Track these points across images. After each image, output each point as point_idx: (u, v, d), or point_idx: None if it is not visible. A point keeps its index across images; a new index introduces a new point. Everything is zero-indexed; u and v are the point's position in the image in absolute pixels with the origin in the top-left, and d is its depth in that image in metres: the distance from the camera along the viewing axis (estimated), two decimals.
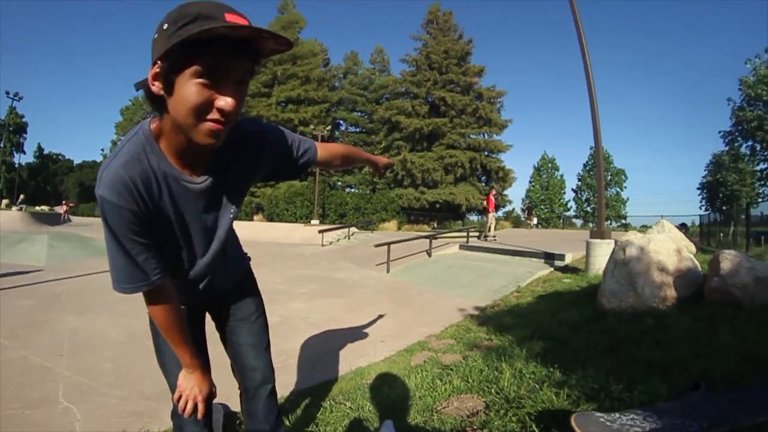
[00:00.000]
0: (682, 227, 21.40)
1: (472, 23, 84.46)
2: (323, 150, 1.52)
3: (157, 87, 1.00)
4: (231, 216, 1.33)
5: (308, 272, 10.47)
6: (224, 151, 1.20)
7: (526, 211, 36.03)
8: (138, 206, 1.09)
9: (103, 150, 64.28)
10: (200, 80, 0.96)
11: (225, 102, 0.99)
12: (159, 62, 0.97)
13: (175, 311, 1.29)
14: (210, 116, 0.99)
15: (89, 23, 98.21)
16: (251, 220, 32.30)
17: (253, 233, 20.68)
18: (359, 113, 45.43)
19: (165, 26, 0.95)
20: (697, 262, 4.90)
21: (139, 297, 1.24)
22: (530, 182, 48.26)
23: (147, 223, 1.12)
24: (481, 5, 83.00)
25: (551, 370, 3.03)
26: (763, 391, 2.22)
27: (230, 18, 0.93)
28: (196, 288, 1.43)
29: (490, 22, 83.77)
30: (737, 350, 2.86)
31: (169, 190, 1.15)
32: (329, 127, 39.76)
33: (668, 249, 4.76)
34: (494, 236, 15.34)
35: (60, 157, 72.28)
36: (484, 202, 16.70)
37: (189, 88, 0.96)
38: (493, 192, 16.41)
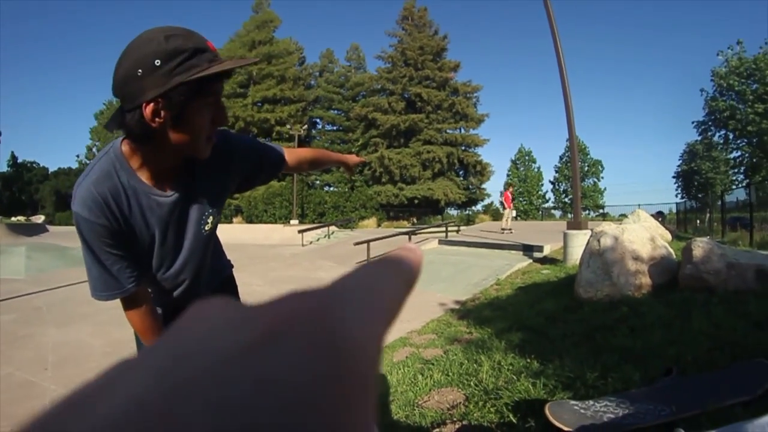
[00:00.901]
0: (659, 215, 21.90)
1: (447, 19, 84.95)
2: (291, 155, 1.55)
3: (158, 122, 1.02)
4: (204, 227, 1.33)
5: (289, 273, 10.44)
6: (193, 164, 1.24)
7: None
8: (108, 220, 1.13)
9: (78, 156, 62.31)
10: (208, 107, 1.07)
11: (223, 118, 1.12)
12: (160, 99, 1.00)
13: (150, 316, 1.31)
14: (210, 133, 1.12)
15: (61, 25, 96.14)
16: (230, 222, 32.01)
17: (232, 236, 20.48)
18: (336, 111, 45.24)
19: (157, 62, 0.97)
20: (671, 250, 5.00)
21: (119, 307, 1.29)
22: (508, 175, 48.67)
23: (118, 235, 1.16)
24: (455, 0, 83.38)
25: (529, 360, 3.08)
26: (732, 374, 2.29)
27: (210, 45, 1.04)
28: (170, 296, 1.44)
29: (464, 18, 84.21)
30: (710, 335, 2.94)
31: (139, 205, 1.18)
32: (306, 126, 39.54)
33: (642, 238, 4.85)
34: (510, 229, 15.79)
35: (34, 165, 70.36)
36: (502, 199, 17.66)
37: (203, 117, 1.07)
38: (510, 189, 17.26)
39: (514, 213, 16.82)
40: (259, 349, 0.13)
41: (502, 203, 17.39)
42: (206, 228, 1.33)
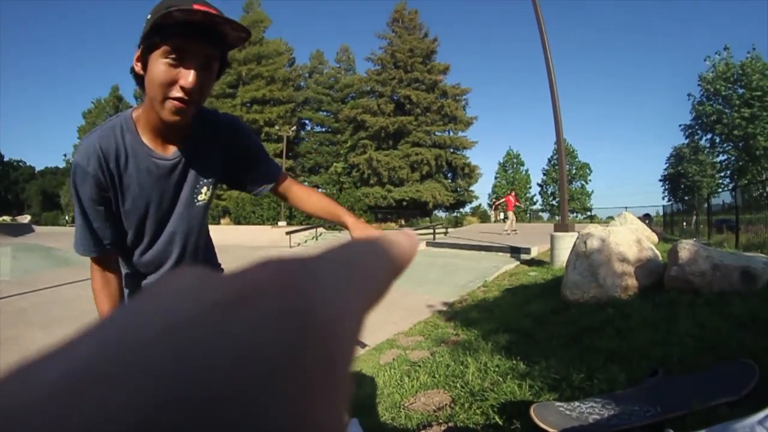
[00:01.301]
0: (646, 218, 22.11)
1: (437, 21, 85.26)
2: (294, 184, 1.52)
3: (138, 67, 1.13)
4: (197, 196, 1.33)
5: None
6: (197, 134, 1.28)
7: (493, 207, 36.45)
8: (103, 174, 1.19)
9: (65, 155, 61.04)
10: (166, 60, 1.06)
11: (186, 80, 1.07)
12: (141, 46, 1.10)
13: (113, 284, 1.32)
14: (174, 94, 1.09)
15: (50, 24, 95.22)
16: (218, 223, 31.84)
17: (220, 237, 20.02)
18: (325, 113, 45.21)
19: (149, 16, 1.08)
20: (657, 252, 5.03)
21: None
22: (496, 178, 48.92)
23: (108, 191, 1.22)
24: (445, 4, 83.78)
25: (515, 362, 3.07)
26: (718, 374, 2.29)
27: (196, 6, 1.03)
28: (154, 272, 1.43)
29: (454, 21, 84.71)
30: (695, 336, 2.94)
31: (136, 165, 1.22)
32: (294, 128, 39.46)
33: (628, 240, 4.87)
34: (515, 230, 16.50)
35: (21, 163, 69.37)
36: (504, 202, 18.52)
37: (158, 66, 1.07)
38: (513, 194, 18.25)
39: (510, 215, 17.52)
40: (220, 314, 0.13)
41: (500, 207, 17.91)
42: (199, 198, 1.33)
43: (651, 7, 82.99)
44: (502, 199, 18.79)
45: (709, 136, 23.14)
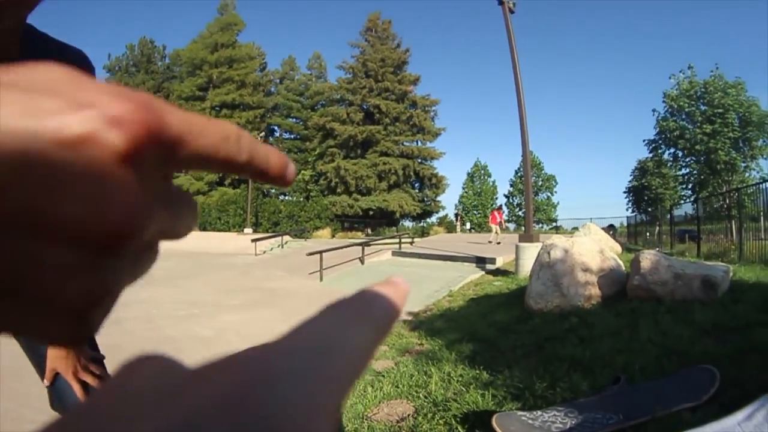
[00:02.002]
0: (610, 228, 22.68)
1: (410, 33, 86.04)
2: None
3: None
4: None
5: (241, 283, 10.17)
6: None
7: (456, 218, 36.70)
8: None
9: None
10: None
11: None
12: None
13: None
14: None
15: None
16: None
17: (186, 244, 19.75)
18: (294, 119, 44.91)
19: None
20: (620, 262, 5.11)
21: None
22: (463, 188, 49.39)
23: None
24: (418, 16, 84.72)
25: (478, 371, 3.04)
26: (680, 380, 2.31)
27: None
28: None
29: (426, 33, 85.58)
30: (657, 343, 2.98)
31: None
32: (263, 134, 39.03)
33: (591, 250, 4.94)
34: (498, 242, 16.58)
35: None
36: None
37: None
38: (499, 210, 19.48)
39: (494, 228, 18.20)
40: None
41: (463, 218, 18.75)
42: None
43: (619, 24, 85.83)
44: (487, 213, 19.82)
45: (672, 150, 23.95)
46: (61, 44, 0.95)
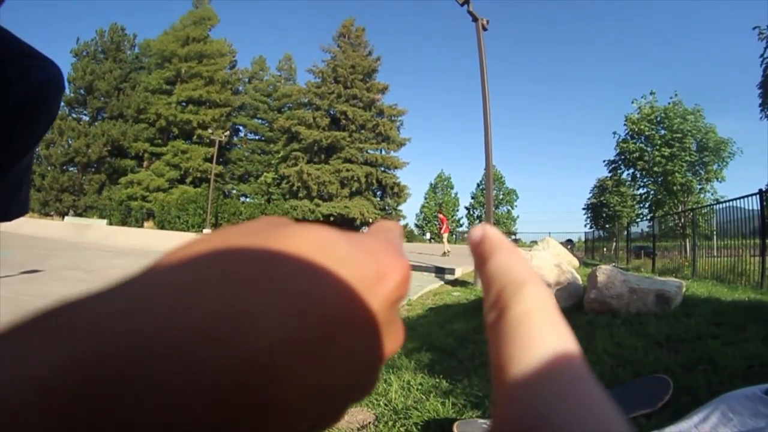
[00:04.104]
0: (568, 243, 23.23)
1: (381, 41, 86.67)
2: None
3: None
4: None
5: None
6: None
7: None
8: None
9: None
10: None
11: None
12: None
13: None
14: None
15: None
16: (141, 226, 30.35)
17: (143, 242, 19.35)
18: (260, 120, 44.48)
19: None
20: (578, 276, 5.22)
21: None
22: (425, 199, 49.79)
23: None
24: (391, 26, 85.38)
25: (438, 380, 3.05)
26: (635, 389, 2.38)
27: None
28: None
29: (397, 43, 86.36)
30: (613, 354, 3.06)
31: None
32: (228, 133, 38.49)
33: (549, 264, 5.04)
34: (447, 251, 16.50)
35: None
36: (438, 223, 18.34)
37: None
38: (440, 210, 18.46)
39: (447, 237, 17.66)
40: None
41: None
42: None
43: (585, 48, 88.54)
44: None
45: (631, 170, 24.68)
46: (24, 64, 0.68)
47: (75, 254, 14.26)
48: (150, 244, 18.17)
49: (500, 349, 0.19)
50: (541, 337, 0.18)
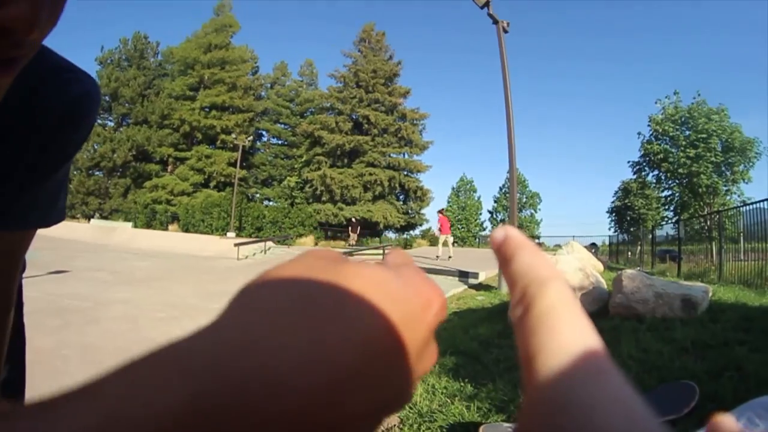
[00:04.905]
0: (592, 247, 22.92)
1: (402, 45, 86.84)
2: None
3: None
4: None
5: (223, 287, 10.08)
6: (4, 108, 0.60)
7: (350, 228, 34.30)
8: None
9: None
10: None
11: (11, 16, 0.41)
12: None
13: None
14: None
15: None
16: (166, 229, 30.88)
17: (168, 244, 19.77)
18: (283, 125, 44.84)
19: None
20: (602, 280, 5.20)
21: None
22: (448, 202, 49.60)
23: None
24: (411, 29, 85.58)
25: (462, 384, 3.08)
26: (661, 395, 2.38)
27: None
28: None
29: (418, 46, 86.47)
30: (639, 360, 3.05)
31: None
32: (251, 138, 38.92)
33: (574, 268, 5.02)
34: (442, 256, 15.60)
35: None
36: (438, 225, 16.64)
37: None
38: (442, 212, 17.13)
39: (451, 239, 16.37)
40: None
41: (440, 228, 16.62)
42: None
43: (608, 48, 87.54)
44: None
45: (655, 172, 24.31)
46: (61, 80, 0.72)
47: (101, 256, 14.59)
48: (174, 247, 18.52)
49: (527, 341, 0.20)
50: (565, 328, 0.20)
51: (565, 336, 0.19)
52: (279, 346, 0.16)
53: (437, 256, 15.41)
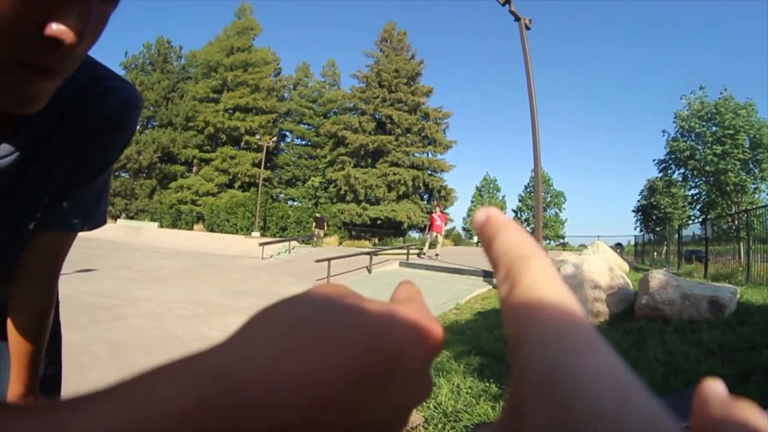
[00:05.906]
0: (618, 247, 22.56)
1: (424, 44, 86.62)
2: (58, 258, 0.86)
3: None
4: (29, 224, 0.78)
5: (247, 286, 10.24)
6: (48, 115, 0.68)
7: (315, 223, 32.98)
8: None
9: None
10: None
11: (61, 29, 0.49)
12: None
13: None
14: (31, 55, 0.51)
15: None
16: (191, 229, 31.36)
17: (193, 243, 20.11)
18: (306, 126, 45.16)
19: None
20: (629, 280, 5.15)
21: None
22: (472, 202, 49.40)
23: None
24: (433, 28, 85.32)
25: (487, 384, 3.09)
26: (686, 399, 2.34)
27: None
28: None
29: (440, 45, 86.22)
30: (664, 362, 3.03)
31: None
32: (275, 138, 39.26)
33: (601, 268, 4.98)
34: (429, 254, 15.50)
35: None
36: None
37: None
38: (439, 209, 16.32)
39: (441, 238, 15.63)
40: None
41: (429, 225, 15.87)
42: (32, 226, 0.80)
43: (632, 44, 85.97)
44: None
45: (681, 170, 23.84)
46: (103, 87, 0.76)
47: (127, 254, 14.92)
48: (199, 246, 18.81)
49: (514, 317, 0.21)
50: (550, 303, 0.20)
51: (551, 310, 0.20)
52: (274, 366, 0.19)
53: (423, 254, 15.40)
